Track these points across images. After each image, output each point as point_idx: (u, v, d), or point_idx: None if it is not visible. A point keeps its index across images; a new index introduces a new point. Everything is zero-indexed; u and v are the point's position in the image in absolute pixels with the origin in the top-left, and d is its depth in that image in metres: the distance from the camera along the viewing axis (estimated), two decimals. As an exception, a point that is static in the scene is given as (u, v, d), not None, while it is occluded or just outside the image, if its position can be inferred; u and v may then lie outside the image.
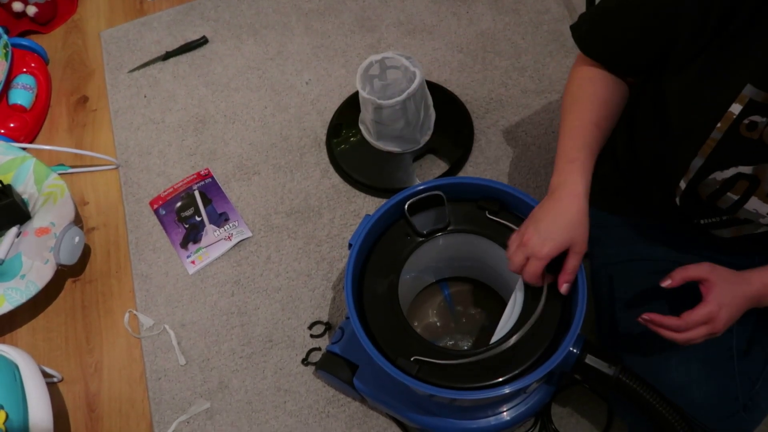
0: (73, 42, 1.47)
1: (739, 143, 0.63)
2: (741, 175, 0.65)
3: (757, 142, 0.62)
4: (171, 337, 1.06)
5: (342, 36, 1.37)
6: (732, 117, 0.62)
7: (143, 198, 1.21)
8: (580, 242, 0.70)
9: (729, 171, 0.65)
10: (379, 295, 0.79)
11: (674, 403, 0.71)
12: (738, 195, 0.66)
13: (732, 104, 0.61)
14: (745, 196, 0.66)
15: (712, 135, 0.64)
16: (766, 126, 0.61)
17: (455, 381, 0.71)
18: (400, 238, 0.84)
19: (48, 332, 1.10)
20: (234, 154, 1.25)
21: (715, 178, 0.66)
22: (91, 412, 1.02)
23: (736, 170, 0.64)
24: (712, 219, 0.72)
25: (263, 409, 0.99)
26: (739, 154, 0.64)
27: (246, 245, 1.14)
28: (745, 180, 0.65)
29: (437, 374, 0.72)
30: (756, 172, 0.64)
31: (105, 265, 1.16)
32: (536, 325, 0.74)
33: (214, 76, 1.35)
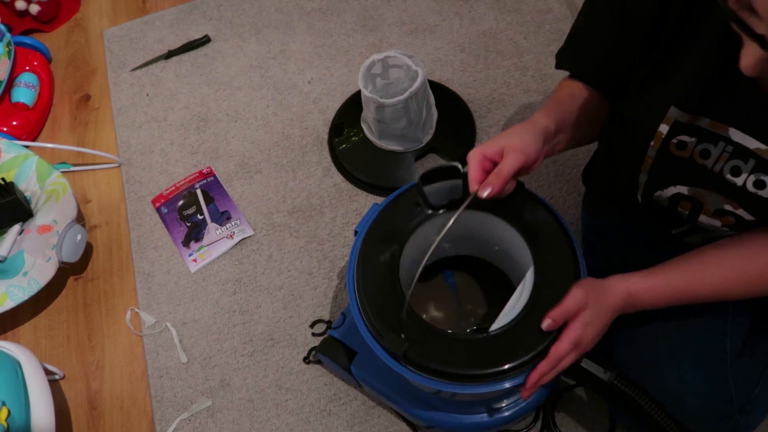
0: (76, 40, 1.48)
1: (672, 162, 0.65)
2: (681, 195, 0.67)
3: (688, 160, 0.64)
4: (173, 335, 1.06)
5: (344, 35, 1.37)
6: (661, 136, 0.64)
7: (145, 196, 1.22)
8: (513, 145, 0.66)
9: (669, 190, 0.67)
10: (380, 263, 0.75)
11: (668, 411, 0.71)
12: (687, 211, 0.68)
13: (660, 124, 0.63)
14: (693, 214, 0.68)
15: (648, 153, 0.66)
16: (695, 146, 0.62)
17: (448, 364, 0.68)
18: (408, 208, 0.79)
19: (50, 330, 1.11)
20: (236, 152, 1.25)
21: (660, 195, 0.68)
22: (93, 409, 1.02)
23: (675, 189, 0.66)
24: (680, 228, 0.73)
25: (264, 407, 0.99)
26: (676, 173, 0.66)
27: (248, 244, 1.14)
28: (687, 201, 0.67)
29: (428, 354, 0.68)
30: (694, 194, 0.66)
31: (107, 263, 1.16)
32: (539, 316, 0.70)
33: (217, 75, 1.36)
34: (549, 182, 1.13)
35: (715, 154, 0.62)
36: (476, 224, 0.81)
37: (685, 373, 0.72)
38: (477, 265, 1.00)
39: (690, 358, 0.72)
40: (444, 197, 0.79)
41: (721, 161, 0.62)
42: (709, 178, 0.63)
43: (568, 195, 1.11)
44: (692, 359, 0.72)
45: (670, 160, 0.64)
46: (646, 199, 0.71)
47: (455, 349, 0.69)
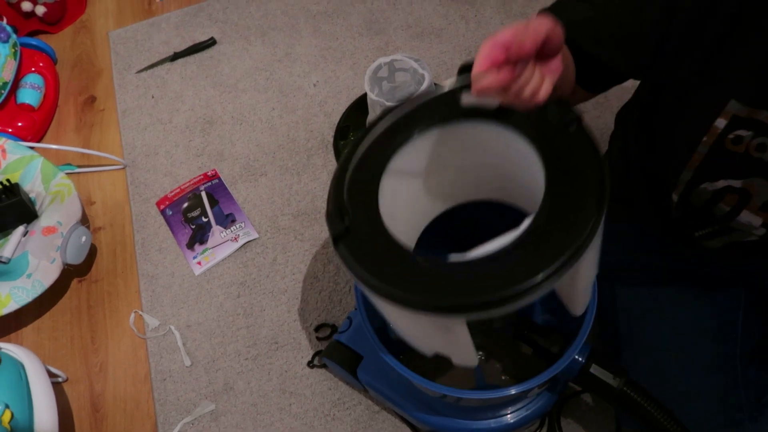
0: (82, 42, 1.48)
1: (725, 157, 0.62)
2: (730, 188, 0.64)
3: (743, 155, 0.61)
4: (176, 338, 1.06)
5: (350, 38, 1.37)
6: (717, 132, 0.61)
7: (150, 198, 1.21)
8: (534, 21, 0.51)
9: (719, 183, 0.64)
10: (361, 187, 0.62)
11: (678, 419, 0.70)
12: (729, 206, 0.66)
13: (717, 119, 0.60)
14: (736, 209, 0.65)
15: (698, 149, 0.63)
16: (751, 140, 0.60)
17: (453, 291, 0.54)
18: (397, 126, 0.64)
19: (53, 331, 1.10)
20: (241, 155, 1.24)
21: (706, 188, 0.65)
22: (96, 412, 1.02)
23: (726, 183, 0.64)
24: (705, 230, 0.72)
25: (268, 411, 0.98)
26: (727, 168, 0.63)
27: (252, 246, 1.13)
28: (735, 194, 0.65)
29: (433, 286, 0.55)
30: (746, 186, 0.63)
31: (111, 264, 1.16)
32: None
33: (222, 77, 1.35)
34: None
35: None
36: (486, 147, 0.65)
37: (694, 379, 0.71)
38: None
39: (700, 364, 0.72)
40: None
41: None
42: (764, 171, 0.61)
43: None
44: (702, 365, 0.72)
45: (723, 155, 0.62)
46: (683, 198, 0.68)
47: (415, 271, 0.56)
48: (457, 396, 0.71)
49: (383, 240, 0.59)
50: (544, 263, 0.51)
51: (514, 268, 0.53)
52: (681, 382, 0.72)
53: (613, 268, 0.84)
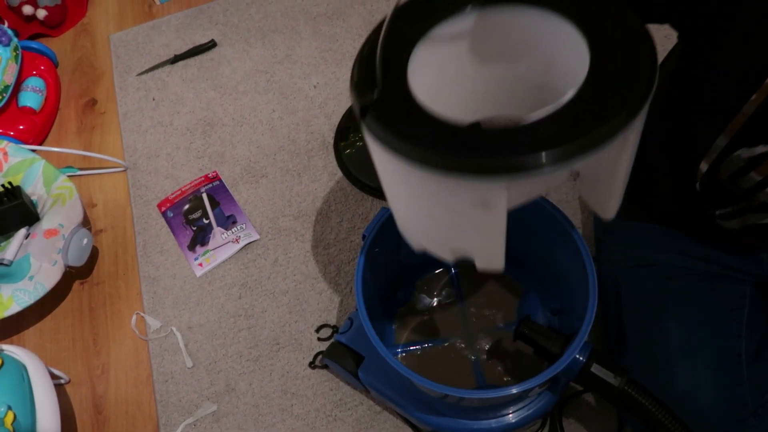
0: (83, 45, 1.48)
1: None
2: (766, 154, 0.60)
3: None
4: (178, 340, 1.06)
5: (350, 40, 1.37)
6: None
7: (151, 200, 1.22)
8: None
9: (758, 148, 0.60)
10: (393, 60, 0.57)
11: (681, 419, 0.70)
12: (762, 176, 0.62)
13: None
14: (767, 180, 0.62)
15: (743, 110, 0.59)
16: None
17: None
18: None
19: (55, 333, 1.10)
20: (242, 157, 1.25)
21: (740, 155, 0.61)
22: (98, 413, 1.02)
23: (765, 148, 0.60)
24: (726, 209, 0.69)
25: (270, 412, 0.98)
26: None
27: (253, 248, 1.14)
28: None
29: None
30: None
31: (112, 267, 1.16)
32: None
33: (223, 80, 1.36)
34: (565, 194, 1.13)
35: None
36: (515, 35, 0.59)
37: (698, 375, 0.71)
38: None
39: (704, 361, 0.72)
40: None
41: None
42: None
43: (574, 200, 1.11)
44: (707, 361, 0.72)
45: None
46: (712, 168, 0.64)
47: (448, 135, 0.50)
48: (458, 396, 0.71)
49: (417, 113, 0.52)
50: (597, 120, 0.46)
51: (564, 127, 0.47)
52: (685, 378, 0.72)
53: (618, 266, 0.84)
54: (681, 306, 0.75)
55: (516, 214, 0.85)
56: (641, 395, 0.72)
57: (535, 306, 0.96)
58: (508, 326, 0.95)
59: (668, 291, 0.75)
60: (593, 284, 0.73)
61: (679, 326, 0.74)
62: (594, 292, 0.73)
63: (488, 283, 0.99)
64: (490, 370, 0.92)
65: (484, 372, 0.92)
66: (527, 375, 0.85)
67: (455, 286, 0.99)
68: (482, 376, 0.92)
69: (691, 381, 0.71)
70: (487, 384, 0.91)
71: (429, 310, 0.98)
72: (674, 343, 0.73)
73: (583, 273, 0.76)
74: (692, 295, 0.71)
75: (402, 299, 0.99)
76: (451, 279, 1.00)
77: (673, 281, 0.72)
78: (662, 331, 0.75)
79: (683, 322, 0.73)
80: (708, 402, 0.70)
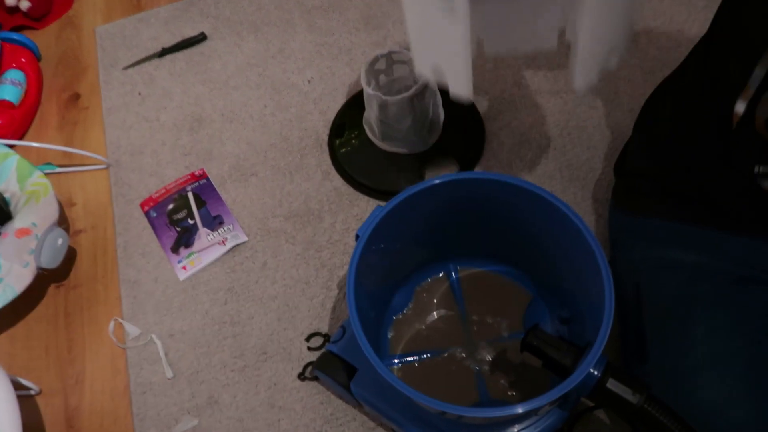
0: (67, 38, 1.42)
1: None
2: None
3: None
4: (158, 348, 0.99)
5: (346, 33, 1.31)
6: None
7: (134, 199, 1.15)
8: None
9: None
10: None
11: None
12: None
13: None
14: None
15: None
16: None
17: None
18: None
19: (28, 340, 1.03)
20: (231, 154, 1.18)
21: None
22: (70, 427, 0.95)
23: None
24: (764, 166, 0.62)
25: (255, 427, 0.91)
26: None
27: (241, 250, 1.07)
28: None
29: None
30: None
31: (91, 269, 1.09)
32: None
33: (212, 74, 1.29)
34: (563, 187, 1.06)
35: None
36: None
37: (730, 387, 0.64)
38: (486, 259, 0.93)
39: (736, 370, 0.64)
40: None
41: None
42: None
43: (583, 201, 1.04)
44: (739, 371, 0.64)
45: None
46: (749, 109, 0.59)
47: None
48: (458, 414, 0.64)
49: None
50: None
51: None
52: (713, 391, 0.64)
53: (638, 266, 0.77)
54: (709, 310, 0.68)
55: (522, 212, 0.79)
56: (663, 414, 0.64)
57: (543, 314, 0.89)
58: (514, 336, 0.88)
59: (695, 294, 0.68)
60: (609, 290, 0.66)
61: (708, 332, 0.66)
62: (610, 299, 0.66)
63: (492, 289, 0.92)
64: (494, 384, 0.85)
65: (488, 385, 0.85)
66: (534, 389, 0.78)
67: (456, 291, 0.92)
68: (485, 390, 0.84)
69: (722, 393, 0.64)
70: (491, 399, 0.84)
71: (428, 319, 0.91)
72: (702, 351, 0.66)
73: (597, 278, 0.69)
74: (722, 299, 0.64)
75: (399, 306, 0.92)
76: (452, 284, 0.93)
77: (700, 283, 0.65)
78: (688, 337, 0.68)
79: (712, 327, 0.66)
80: (740, 417, 0.63)
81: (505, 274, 0.93)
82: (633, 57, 1.18)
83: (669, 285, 0.72)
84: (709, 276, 0.64)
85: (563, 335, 0.87)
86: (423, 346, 0.89)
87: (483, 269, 0.94)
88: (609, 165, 1.06)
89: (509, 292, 0.92)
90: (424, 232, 0.86)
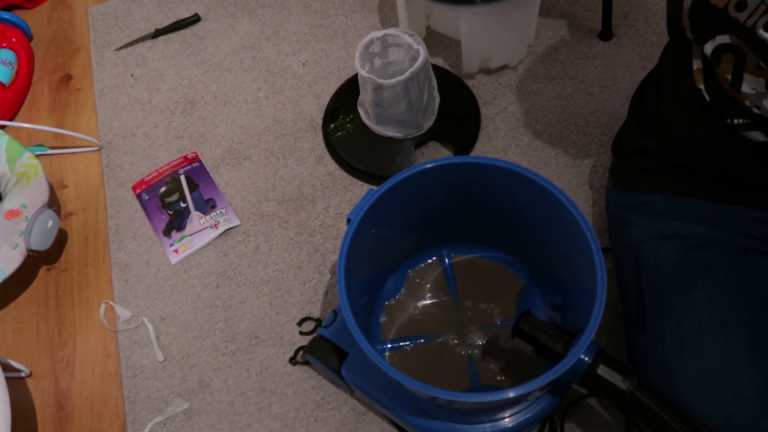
0: (59, 18, 1.40)
1: (706, 10, 0.59)
2: (724, 47, 0.60)
3: (722, 11, 0.58)
4: (149, 331, 0.98)
5: (342, 16, 1.29)
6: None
7: (126, 182, 1.14)
8: None
9: (710, 44, 0.61)
10: None
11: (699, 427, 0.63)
12: (730, 74, 0.61)
13: None
14: (737, 75, 0.60)
15: (684, 3, 0.61)
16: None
17: None
18: None
19: (18, 323, 1.03)
20: (224, 137, 1.17)
21: (707, 52, 0.62)
22: (61, 410, 0.94)
23: (715, 42, 0.60)
24: (742, 119, 0.65)
25: (246, 411, 0.91)
26: (712, 23, 0.60)
27: (233, 234, 1.06)
28: (730, 53, 0.60)
29: None
30: (736, 43, 0.59)
31: (82, 252, 1.08)
32: None
33: (206, 56, 1.28)
34: (558, 173, 1.05)
35: (752, 6, 0.55)
36: None
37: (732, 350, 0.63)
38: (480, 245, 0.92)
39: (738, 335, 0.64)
40: None
41: (756, 15, 0.56)
42: (742, 33, 0.58)
43: (578, 188, 1.03)
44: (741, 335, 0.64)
45: (704, 8, 0.59)
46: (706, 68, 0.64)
47: None
48: (449, 399, 0.64)
49: None
50: None
51: None
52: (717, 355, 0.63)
53: (638, 239, 0.76)
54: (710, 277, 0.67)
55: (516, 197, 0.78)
56: (653, 401, 0.64)
57: (535, 301, 0.88)
58: (506, 322, 0.88)
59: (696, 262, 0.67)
60: (601, 276, 0.66)
61: (708, 298, 0.65)
62: (602, 285, 0.65)
63: (484, 275, 0.92)
64: (486, 369, 0.85)
65: (479, 371, 0.85)
66: (525, 375, 0.77)
67: (449, 277, 0.92)
68: (477, 376, 0.84)
69: (723, 356, 0.63)
70: (482, 384, 0.84)
71: (420, 304, 0.91)
72: (704, 317, 0.65)
73: (589, 264, 0.68)
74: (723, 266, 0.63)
75: (391, 291, 0.92)
76: (445, 270, 0.93)
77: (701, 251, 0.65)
78: (689, 303, 0.67)
79: (712, 294, 0.65)
80: (744, 380, 0.62)
81: (499, 261, 0.92)
82: (631, 43, 1.17)
83: (669, 255, 0.72)
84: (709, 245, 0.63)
85: (556, 322, 0.86)
86: (415, 332, 0.89)
87: (476, 255, 0.93)
88: (605, 151, 1.06)
89: (502, 279, 0.91)
90: (417, 217, 0.85)
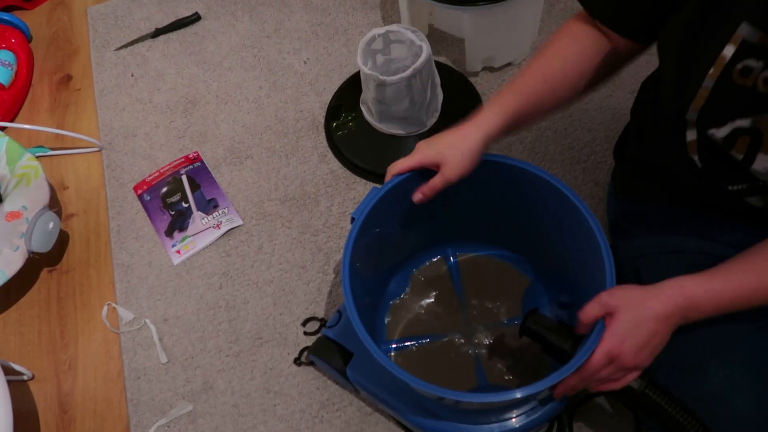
0: (59, 18, 1.39)
1: (733, 92, 0.56)
2: (740, 130, 0.57)
3: (751, 90, 0.55)
4: (152, 333, 0.97)
5: (343, 13, 1.28)
6: (724, 61, 0.55)
7: (127, 183, 1.13)
8: (449, 165, 0.70)
9: (725, 128, 0.58)
10: None
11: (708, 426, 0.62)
12: (742, 154, 0.59)
13: (725, 46, 0.54)
14: (750, 155, 0.58)
15: (704, 83, 0.57)
16: (761, 72, 0.54)
17: None
18: None
19: (20, 326, 1.02)
20: (225, 136, 1.16)
21: (714, 135, 0.59)
22: (63, 413, 0.94)
23: (732, 125, 0.57)
24: (740, 185, 0.63)
25: (251, 412, 0.90)
26: (735, 106, 0.57)
27: (236, 234, 1.05)
28: (746, 135, 0.58)
29: None
30: (756, 124, 0.57)
31: (84, 253, 1.07)
32: None
33: (206, 55, 1.27)
34: (564, 170, 1.04)
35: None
36: None
37: (733, 374, 0.62)
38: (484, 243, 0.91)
39: (739, 358, 0.63)
40: None
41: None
42: None
43: (584, 184, 1.02)
44: (741, 359, 0.63)
45: (730, 90, 0.56)
46: (701, 141, 0.62)
47: None
48: (455, 399, 0.63)
49: None
50: None
51: None
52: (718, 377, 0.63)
53: (639, 252, 0.75)
54: None
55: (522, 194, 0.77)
56: (663, 399, 0.63)
57: (541, 299, 0.87)
58: (512, 321, 0.87)
59: None
60: (611, 272, 0.65)
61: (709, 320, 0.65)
62: (612, 283, 0.64)
63: (490, 273, 0.91)
64: (492, 368, 0.84)
65: (486, 370, 0.84)
66: (533, 373, 0.76)
67: (454, 276, 0.91)
68: (483, 375, 0.83)
69: (725, 381, 0.63)
70: (489, 384, 0.83)
71: (425, 303, 0.90)
72: (705, 338, 0.65)
73: (598, 261, 0.67)
74: None
75: (396, 291, 0.91)
76: (450, 269, 0.92)
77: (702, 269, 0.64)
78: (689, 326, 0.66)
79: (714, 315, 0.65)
80: (744, 403, 0.62)
81: (504, 259, 0.91)
82: (636, 37, 1.16)
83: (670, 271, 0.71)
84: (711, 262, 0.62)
85: (563, 319, 0.85)
86: (421, 331, 0.88)
87: (481, 253, 0.92)
88: (610, 147, 1.04)
89: (508, 277, 0.90)
90: (422, 215, 0.84)
